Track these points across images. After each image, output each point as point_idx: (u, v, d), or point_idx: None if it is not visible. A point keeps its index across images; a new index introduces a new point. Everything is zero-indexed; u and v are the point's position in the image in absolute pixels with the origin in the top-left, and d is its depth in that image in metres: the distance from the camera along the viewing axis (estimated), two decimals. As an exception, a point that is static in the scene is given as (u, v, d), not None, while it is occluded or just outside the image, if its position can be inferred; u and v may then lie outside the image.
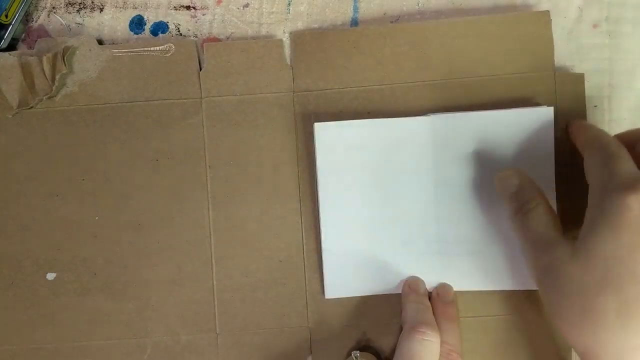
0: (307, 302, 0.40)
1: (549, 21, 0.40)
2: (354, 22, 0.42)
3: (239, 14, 0.41)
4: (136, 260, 0.40)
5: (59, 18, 0.41)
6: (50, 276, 0.40)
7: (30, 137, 0.40)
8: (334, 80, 0.40)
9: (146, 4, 0.41)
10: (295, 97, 0.40)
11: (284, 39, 0.41)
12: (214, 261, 0.40)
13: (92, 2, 0.41)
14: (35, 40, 0.40)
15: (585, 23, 0.41)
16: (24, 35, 0.41)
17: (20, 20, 0.40)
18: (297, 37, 0.40)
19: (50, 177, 0.40)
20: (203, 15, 0.41)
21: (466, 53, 0.40)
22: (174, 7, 0.41)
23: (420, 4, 0.42)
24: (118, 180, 0.40)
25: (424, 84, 0.40)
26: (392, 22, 0.41)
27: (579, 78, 0.40)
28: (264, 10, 0.42)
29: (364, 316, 0.40)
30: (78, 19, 0.41)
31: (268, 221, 0.40)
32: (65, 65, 0.39)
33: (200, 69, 0.40)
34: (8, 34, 0.40)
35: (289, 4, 0.42)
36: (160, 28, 0.41)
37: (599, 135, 0.35)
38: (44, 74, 0.39)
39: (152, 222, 0.40)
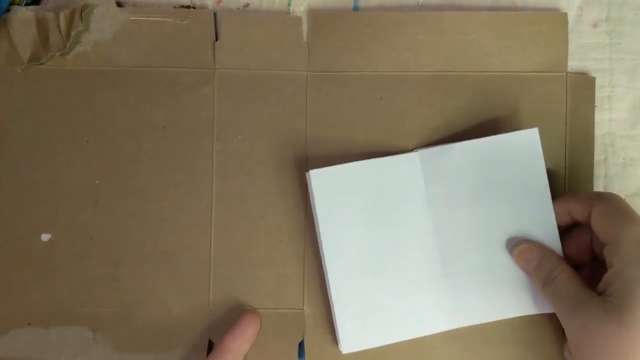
0: (304, 285, 0.40)
1: (566, 23, 0.40)
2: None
3: None
4: (135, 227, 0.40)
5: None
6: (45, 237, 0.39)
7: (38, 94, 0.40)
8: (349, 63, 0.40)
9: (146, 4, 0.41)
10: (310, 76, 0.40)
11: (303, 17, 0.41)
12: (213, 234, 0.40)
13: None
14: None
15: (585, 23, 0.42)
16: None
17: None
18: (316, 16, 0.40)
19: (54, 136, 0.40)
20: None
21: (482, 47, 0.40)
22: (174, 7, 0.41)
23: (420, 4, 0.42)
24: (123, 145, 0.40)
25: (439, 74, 0.40)
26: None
27: (591, 81, 0.41)
28: (264, 10, 0.41)
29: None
30: None
31: (272, 199, 0.40)
32: (82, 22, 0.38)
33: (217, 40, 0.40)
34: None
35: (289, 4, 0.41)
36: None
37: (609, 194, 0.36)
38: (59, 30, 0.38)
39: (154, 190, 0.40)
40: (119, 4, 0.40)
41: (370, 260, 0.38)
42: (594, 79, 0.41)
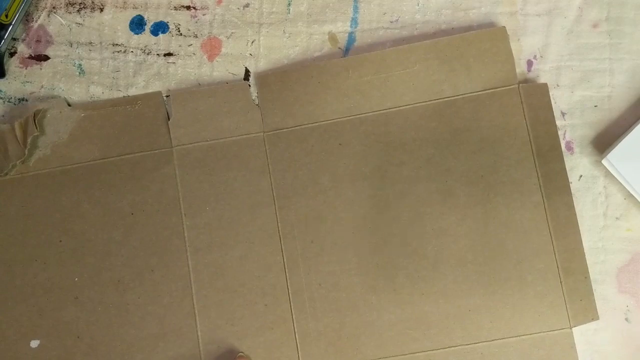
0: (297, 345, 0.39)
1: (507, 36, 0.40)
2: (354, 22, 0.42)
3: (239, 14, 0.42)
4: (118, 318, 0.39)
5: (59, 18, 0.42)
6: (34, 344, 0.39)
7: (6, 205, 0.40)
8: (303, 117, 0.41)
9: (146, 4, 0.42)
10: (266, 136, 0.41)
11: (249, 82, 0.42)
12: (197, 312, 0.39)
13: (93, 2, 0.42)
14: (36, 41, 0.42)
15: (585, 23, 0.42)
16: (24, 35, 0.42)
17: (21, 20, 0.41)
18: (262, 78, 0.41)
19: (28, 242, 0.40)
20: (203, 15, 0.42)
21: (429, 76, 0.40)
22: (174, 7, 0.42)
23: (420, 4, 0.42)
24: (96, 239, 0.40)
25: (392, 110, 0.40)
26: (391, 22, 0.42)
27: (543, 88, 0.40)
28: (264, 10, 0.42)
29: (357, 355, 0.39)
30: (78, 19, 0.42)
31: (249, 264, 0.40)
32: (36, 127, 0.39)
33: (169, 119, 0.41)
34: (8, 34, 0.41)
35: (289, 4, 0.42)
36: (160, 28, 0.42)
37: None
38: (17, 140, 0.40)
39: (132, 278, 0.40)
40: (69, 104, 0.41)
41: None
42: (546, 85, 0.40)
